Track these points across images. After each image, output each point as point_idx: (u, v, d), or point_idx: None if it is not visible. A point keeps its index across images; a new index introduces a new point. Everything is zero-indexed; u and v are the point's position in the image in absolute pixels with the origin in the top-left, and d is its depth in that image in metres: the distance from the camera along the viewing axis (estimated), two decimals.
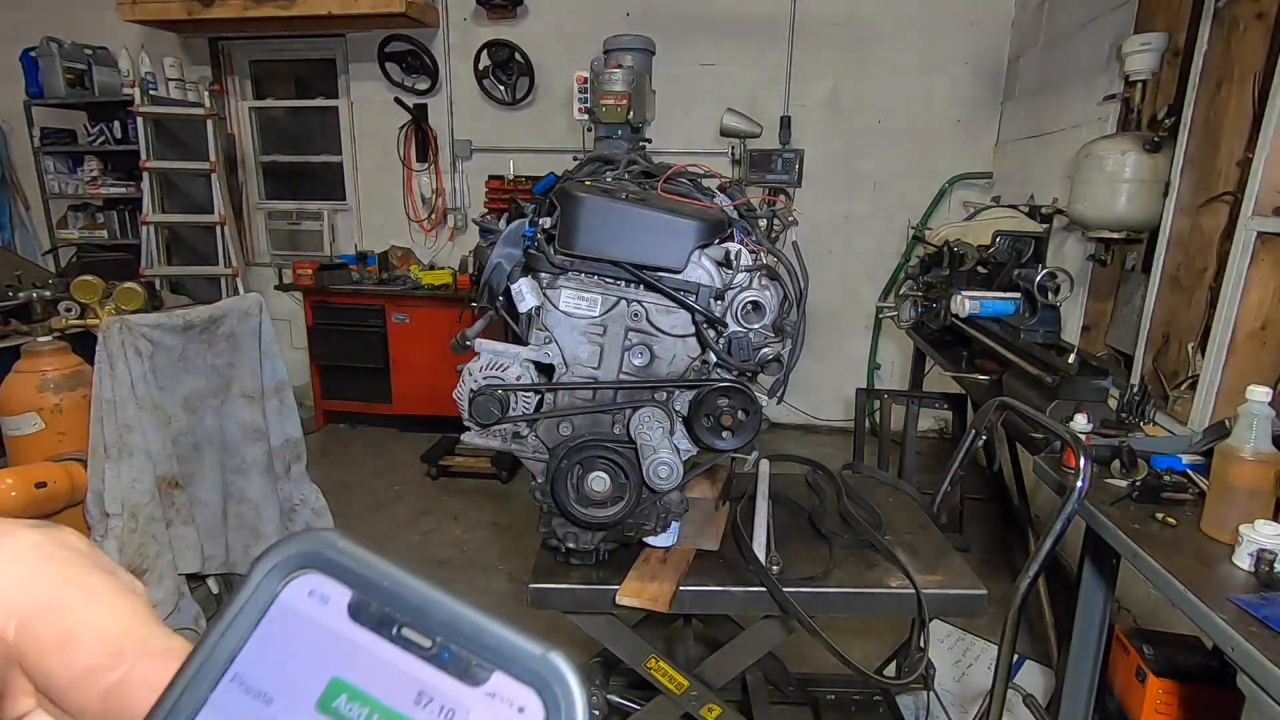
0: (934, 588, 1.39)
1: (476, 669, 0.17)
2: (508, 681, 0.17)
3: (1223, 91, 2.28)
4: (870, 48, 4.42)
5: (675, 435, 1.32)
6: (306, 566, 0.18)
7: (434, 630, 0.18)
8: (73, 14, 4.94)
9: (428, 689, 0.17)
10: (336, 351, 4.69)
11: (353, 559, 0.18)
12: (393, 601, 0.18)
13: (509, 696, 0.17)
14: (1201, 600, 1.12)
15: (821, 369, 4.89)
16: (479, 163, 4.93)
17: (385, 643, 0.18)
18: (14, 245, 5.29)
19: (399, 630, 0.18)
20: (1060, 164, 3.37)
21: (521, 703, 0.17)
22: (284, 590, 0.18)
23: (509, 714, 0.17)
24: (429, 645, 0.18)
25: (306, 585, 0.18)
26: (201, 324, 2.46)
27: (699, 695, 1.53)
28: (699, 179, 1.55)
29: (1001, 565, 3.17)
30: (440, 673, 0.17)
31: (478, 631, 0.18)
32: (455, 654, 0.18)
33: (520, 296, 1.30)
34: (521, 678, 0.17)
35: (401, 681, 0.17)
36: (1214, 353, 2.06)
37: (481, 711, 0.17)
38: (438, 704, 0.17)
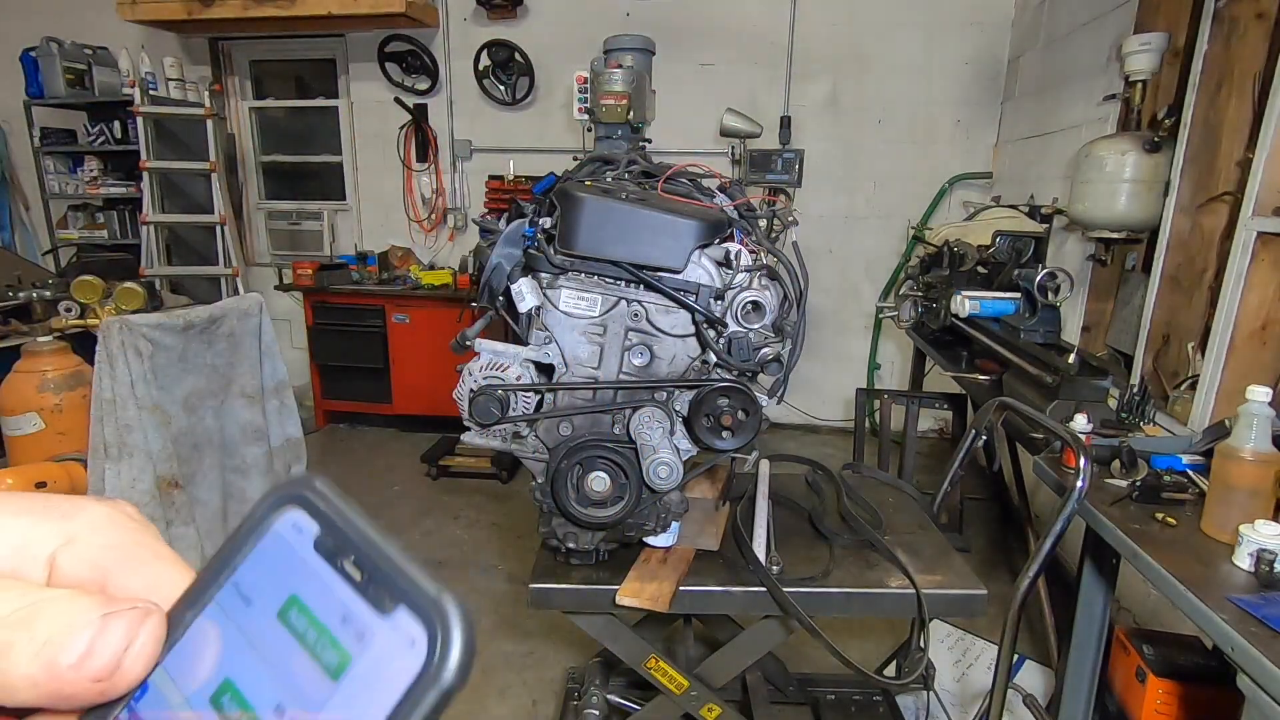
0: (934, 588, 1.39)
1: (387, 601, 0.21)
2: (407, 616, 0.20)
3: (1223, 91, 2.28)
4: (870, 47, 4.42)
5: (675, 435, 1.32)
6: (293, 503, 0.23)
7: (365, 566, 0.21)
8: (73, 14, 4.94)
9: (350, 613, 0.21)
10: (336, 351, 4.69)
11: (324, 501, 0.23)
12: (342, 538, 0.22)
13: (405, 629, 0.20)
14: (1201, 600, 1.12)
15: (821, 369, 4.90)
16: (479, 163, 4.93)
17: (332, 571, 0.22)
18: (14, 245, 5.29)
19: (342, 562, 0.22)
20: (1060, 164, 3.38)
21: (413, 636, 0.20)
22: (276, 520, 0.23)
23: (402, 644, 0.20)
24: (360, 577, 0.21)
25: (291, 519, 0.23)
26: (201, 324, 2.46)
27: (699, 695, 1.53)
28: (699, 179, 1.55)
29: (1001, 565, 3.17)
30: (362, 601, 0.21)
31: (395, 571, 0.21)
32: (376, 587, 0.21)
33: (520, 296, 1.30)
34: (417, 614, 0.20)
35: (334, 604, 0.21)
36: (1214, 353, 2.06)
37: (384, 637, 0.20)
38: (354, 626, 0.21)
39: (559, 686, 2.37)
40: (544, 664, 2.52)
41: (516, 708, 2.32)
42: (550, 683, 2.42)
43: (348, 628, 0.21)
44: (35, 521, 0.24)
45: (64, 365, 2.46)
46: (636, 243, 1.26)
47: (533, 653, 2.57)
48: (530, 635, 2.66)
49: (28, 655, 0.20)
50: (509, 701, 2.35)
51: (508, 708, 2.32)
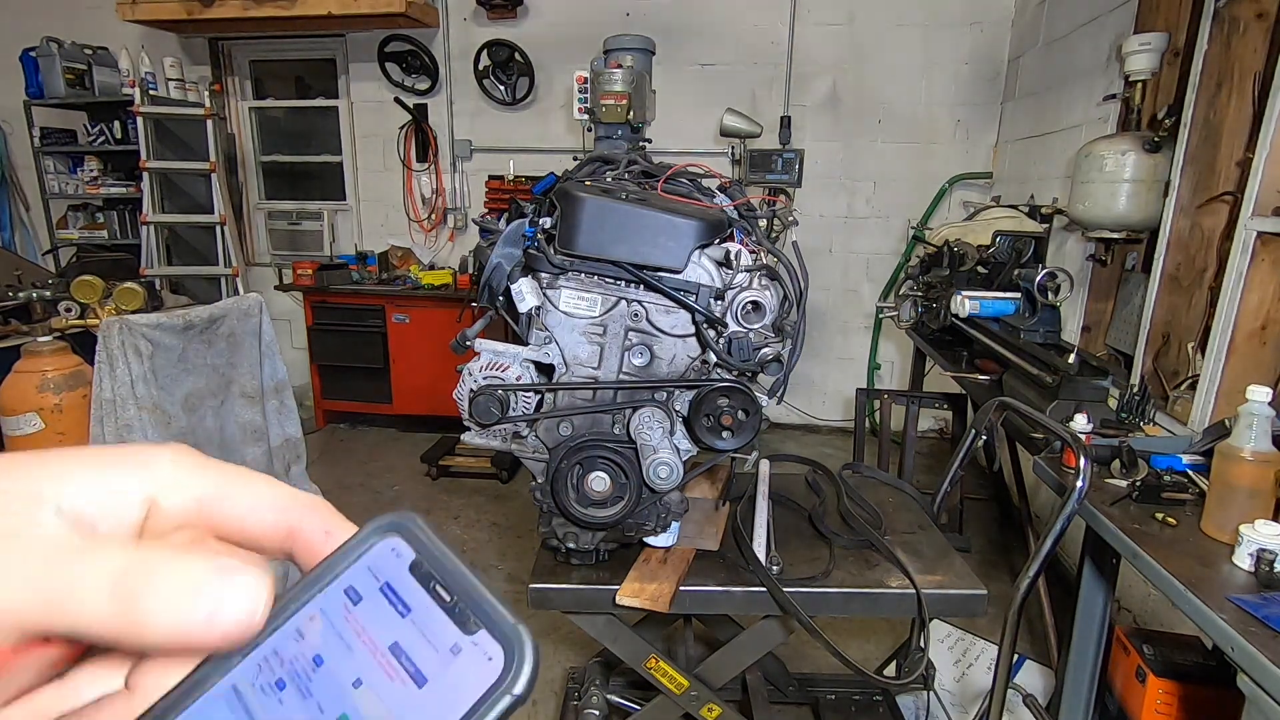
0: (934, 588, 1.39)
1: (471, 624, 0.25)
2: (487, 637, 0.24)
3: (1223, 91, 2.28)
4: (870, 48, 4.42)
5: (675, 435, 1.32)
6: (395, 532, 0.27)
7: (453, 591, 0.26)
8: (73, 14, 4.94)
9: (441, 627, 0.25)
10: (336, 351, 4.69)
11: (422, 534, 0.27)
12: (437, 565, 0.26)
13: (485, 647, 0.24)
14: (1201, 600, 1.12)
15: (821, 369, 4.90)
16: (479, 163, 4.93)
17: (424, 592, 0.26)
18: (14, 245, 5.29)
19: (434, 585, 0.26)
20: (1060, 164, 3.38)
21: (491, 654, 0.24)
22: (379, 542, 0.27)
23: (481, 659, 0.24)
24: (449, 600, 0.26)
25: (391, 544, 0.27)
26: (201, 324, 2.46)
27: (699, 695, 1.53)
28: (699, 179, 1.55)
29: (1001, 565, 3.17)
30: (449, 619, 0.25)
31: (480, 599, 0.25)
32: (462, 610, 0.25)
33: (520, 296, 1.30)
34: (496, 637, 0.24)
35: (426, 617, 0.26)
36: (1214, 353, 2.06)
37: (467, 651, 0.24)
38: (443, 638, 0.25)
39: (559, 686, 2.37)
40: (544, 664, 2.51)
41: None
42: (550, 683, 2.42)
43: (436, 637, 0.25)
44: (121, 470, 0.26)
45: (64, 365, 2.46)
46: (636, 243, 1.26)
47: None
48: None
49: (160, 601, 0.23)
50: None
51: None
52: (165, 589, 0.23)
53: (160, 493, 0.26)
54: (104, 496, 0.25)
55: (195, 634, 0.23)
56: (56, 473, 0.25)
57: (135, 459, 0.26)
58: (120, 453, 0.26)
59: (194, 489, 0.26)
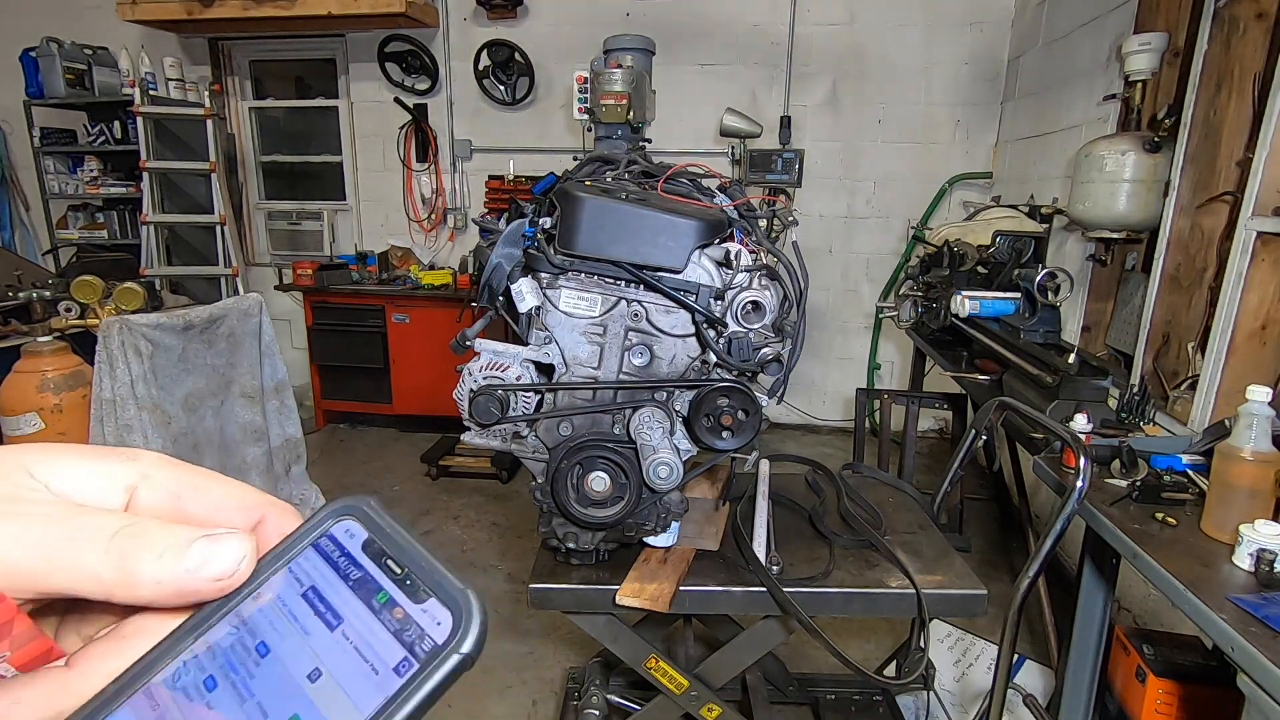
0: (934, 588, 1.39)
1: (421, 593, 0.26)
2: (436, 604, 0.26)
3: (1223, 91, 2.28)
4: (870, 47, 4.42)
5: (675, 435, 1.32)
6: (350, 515, 0.29)
7: (404, 564, 0.27)
8: (73, 14, 4.94)
9: (392, 598, 0.27)
10: (336, 351, 4.69)
11: (376, 515, 0.29)
12: (387, 543, 0.28)
13: (434, 614, 0.26)
14: (1201, 600, 1.12)
15: (821, 369, 4.90)
16: (479, 163, 4.93)
17: (375, 567, 0.27)
18: (14, 245, 5.29)
19: (385, 561, 0.27)
20: (1060, 164, 3.38)
21: (440, 619, 0.26)
22: (333, 526, 0.29)
23: (431, 624, 0.26)
24: (399, 572, 0.27)
25: (346, 526, 0.29)
26: (201, 324, 2.46)
27: (699, 695, 1.53)
28: (699, 179, 1.54)
29: (1001, 565, 3.17)
30: (400, 590, 0.27)
31: (429, 569, 0.27)
32: (413, 581, 0.27)
33: (520, 296, 1.30)
34: (445, 602, 0.26)
35: (375, 589, 0.27)
36: (1214, 353, 2.06)
37: (418, 618, 0.26)
38: (394, 608, 0.26)
39: (559, 686, 2.37)
40: (544, 664, 2.52)
41: (516, 708, 2.32)
42: (550, 683, 2.42)
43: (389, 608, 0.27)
44: (107, 461, 0.28)
45: (64, 365, 2.46)
46: (636, 243, 1.26)
47: (533, 653, 2.57)
48: (530, 635, 2.66)
49: (151, 558, 0.25)
50: (509, 701, 2.35)
51: (508, 708, 2.32)
52: (158, 545, 0.25)
53: (140, 484, 0.28)
54: (89, 480, 0.27)
55: (184, 581, 0.25)
56: (46, 457, 0.27)
57: (120, 453, 0.28)
58: (106, 448, 0.29)
59: (171, 484, 0.28)
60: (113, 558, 0.24)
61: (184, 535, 0.26)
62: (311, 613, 0.27)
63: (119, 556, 0.24)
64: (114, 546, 0.24)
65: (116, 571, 0.24)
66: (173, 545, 0.25)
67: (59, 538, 0.24)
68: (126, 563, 0.24)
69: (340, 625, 0.26)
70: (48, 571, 0.24)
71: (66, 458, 0.27)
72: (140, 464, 0.28)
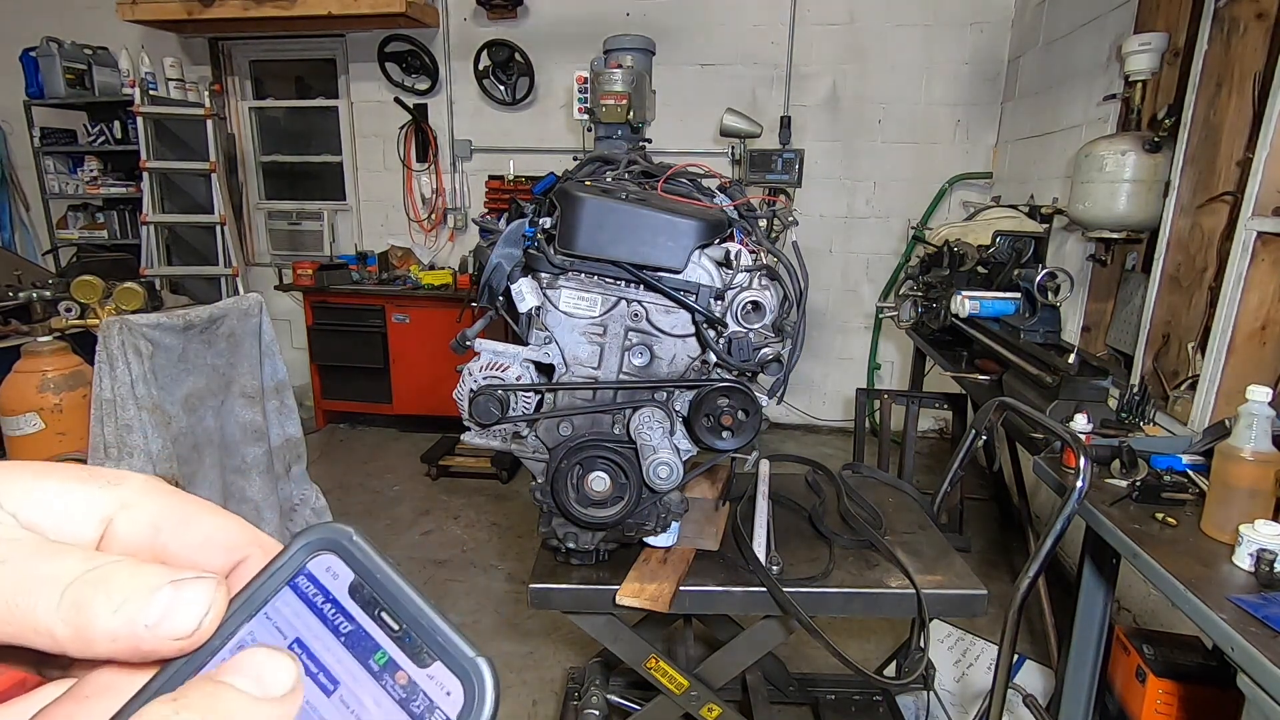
0: (934, 588, 1.39)
1: (424, 655, 0.23)
2: (444, 670, 0.23)
3: (1223, 91, 2.28)
4: (870, 48, 4.42)
5: (675, 435, 1.32)
6: (328, 549, 0.25)
7: (402, 619, 0.24)
8: (73, 14, 4.94)
9: (392, 659, 0.23)
10: (336, 351, 4.69)
11: (360, 552, 0.25)
12: (379, 590, 0.24)
13: (443, 681, 0.23)
14: (1201, 600, 1.12)
15: (821, 369, 4.90)
16: (479, 163, 4.93)
17: (368, 618, 0.24)
18: (14, 245, 5.29)
19: (378, 612, 0.24)
20: (1060, 164, 3.38)
21: (450, 689, 0.23)
22: (310, 562, 0.25)
23: (439, 694, 0.23)
24: (397, 629, 0.24)
25: (325, 563, 0.25)
26: (201, 324, 2.46)
27: (699, 695, 1.53)
28: (699, 179, 1.54)
29: (1001, 565, 3.17)
30: (401, 651, 0.23)
31: (431, 627, 0.24)
32: (413, 640, 0.23)
33: (520, 296, 1.30)
34: (454, 670, 0.23)
35: (372, 647, 0.24)
36: (1214, 353, 2.06)
37: (424, 685, 0.23)
38: (395, 670, 0.23)
39: (559, 686, 2.37)
40: (544, 664, 2.52)
41: (516, 708, 2.32)
42: (550, 683, 2.42)
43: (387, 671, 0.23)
44: (86, 487, 0.26)
45: (64, 365, 2.46)
46: (636, 243, 1.26)
47: (533, 653, 2.57)
48: (530, 635, 2.66)
49: (107, 612, 0.22)
50: (509, 701, 2.35)
51: (508, 708, 2.32)
52: (116, 593, 0.23)
53: (119, 513, 0.26)
54: (64, 510, 0.25)
55: (142, 638, 0.23)
56: (16, 483, 0.25)
57: (102, 478, 0.26)
58: (89, 472, 0.26)
59: (152, 515, 0.26)
60: (65, 611, 0.22)
61: (148, 582, 0.23)
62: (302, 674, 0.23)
63: (73, 609, 0.22)
64: (68, 597, 0.22)
65: (69, 627, 0.22)
66: (133, 594, 0.23)
67: (11, 584, 0.22)
68: (80, 616, 0.22)
69: (338, 689, 0.23)
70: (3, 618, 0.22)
71: (45, 482, 0.25)
72: (123, 490, 0.26)
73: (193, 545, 0.26)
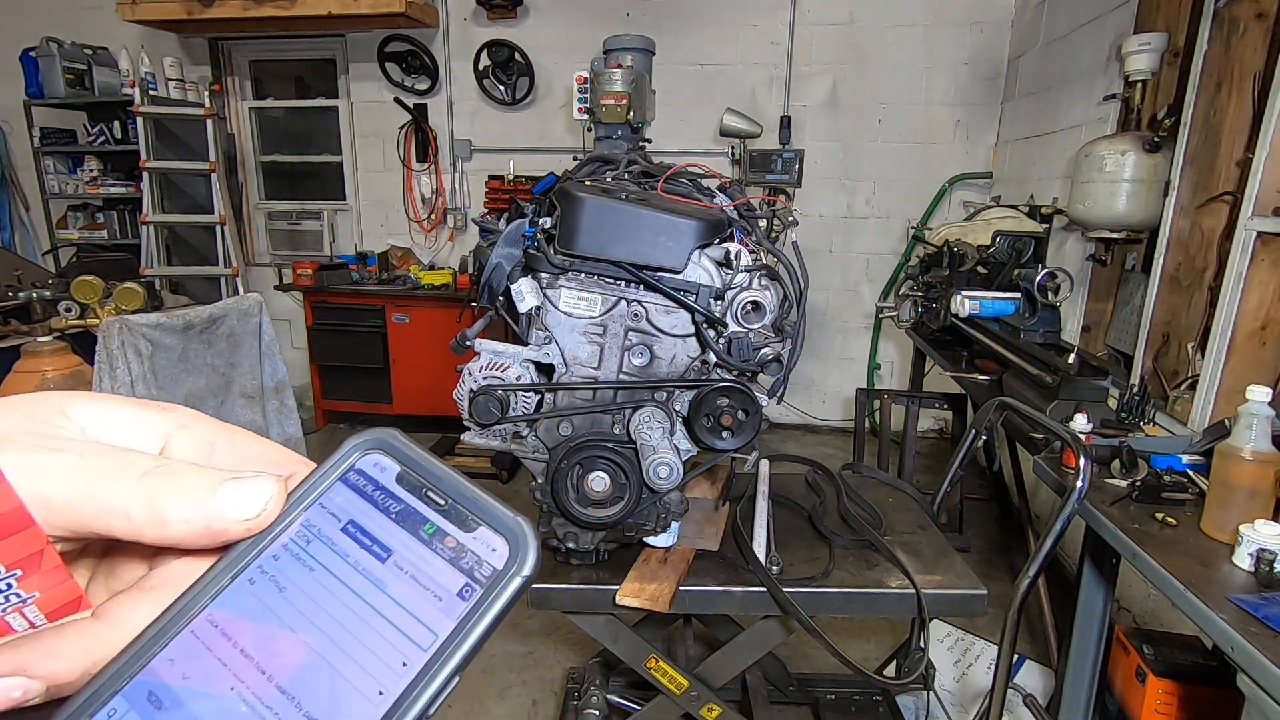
0: (934, 588, 1.39)
1: (470, 522, 0.26)
2: (488, 532, 0.26)
3: (1223, 91, 2.28)
4: (870, 48, 4.42)
5: (675, 435, 1.32)
6: (376, 449, 0.28)
7: (448, 495, 0.27)
8: (73, 14, 4.94)
9: (440, 528, 0.27)
10: (336, 351, 4.69)
11: (405, 447, 0.28)
12: (425, 475, 0.27)
13: (488, 540, 0.26)
14: (1201, 600, 1.12)
15: (821, 369, 4.90)
16: (479, 163, 4.93)
17: (415, 499, 0.27)
18: (14, 245, 5.29)
19: (425, 492, 0.27)
20: (1060, 164, 3.38)
21: (495, 546, 0.26)
22: (360, 461, 0.28)
23: (485, 550, 0.26)
24: (443, 503, 0.27)
25: (373, 460, 0.28)
26: (201, 324, 2.46)
27: (699, 695, 1.53)
28: (699, 179, 1.55)
29: (1001, 565, 3.17)
30: (447, 521, 0.26)
31: (476, 500, 0.27)
32: (459, 511, 0.27)
33: (520, 296, 1.30)
34: (498, 530, 0.26)
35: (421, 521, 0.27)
36: (1214, 353, 2.06)
37: (471, 545, 0.26)
38: (444, 537, 0.26)
39: (559, 686, 2.37)
40: (544, 664, 2.52)
41: (516, 708, 2.32)
42: (550, 683, 2.42)
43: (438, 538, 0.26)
44: (145, 409, 0.28)
45: (64, 365, 2.46)
46: (636, 243, 1.26)
47: (533, 653, 2.57)
48: (530, 635, 2.66)
49: (180, 497, 0.25)
50: (509, 701, 2.35)
51: (508, 708, 2.32)
52: (187, 484, 0.25)
53: (176, 432, 0.28)
54: (125, 426, 0.27)
55: (213, 519, 0.25)
56: (83, 401, 0.27)
57: (157, 405, 0.29)
58: (144, 400, 0.29)
59: (206, 435, 0.29)
60: (143, 495, 0.24)
61: (214, 476, 0.26)
62: (356, 546, 0.26)
63: (148, 494, 0.24)
64: (144, 484, 0.25)
65: (146, 509, 0.24)
66: (202, 485, 0.25)
67: (91, 472, 0.24)
68: (156, 500, 0.24)
69: (391, 557, 0.26)
70: (78, 505, 0.24)
71: (104, 404, 0.27)
72: (177, 415, 0.29)
73: (244, 461, 0.29)
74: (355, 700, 0.23)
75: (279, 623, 0.25)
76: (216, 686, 0.24)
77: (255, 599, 0.25)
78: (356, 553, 0.26)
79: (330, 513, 0.27)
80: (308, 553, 0.26)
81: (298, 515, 0.27)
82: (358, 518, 0.27)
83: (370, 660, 0.24)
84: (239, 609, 0.25)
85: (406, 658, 0.24)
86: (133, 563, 0.29)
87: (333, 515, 0.27)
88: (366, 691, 0.24)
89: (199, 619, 0.25)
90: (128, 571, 0.29)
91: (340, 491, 0.27)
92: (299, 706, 0.23)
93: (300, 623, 0.25)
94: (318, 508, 0.27)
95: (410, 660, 0.24)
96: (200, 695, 0.24)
